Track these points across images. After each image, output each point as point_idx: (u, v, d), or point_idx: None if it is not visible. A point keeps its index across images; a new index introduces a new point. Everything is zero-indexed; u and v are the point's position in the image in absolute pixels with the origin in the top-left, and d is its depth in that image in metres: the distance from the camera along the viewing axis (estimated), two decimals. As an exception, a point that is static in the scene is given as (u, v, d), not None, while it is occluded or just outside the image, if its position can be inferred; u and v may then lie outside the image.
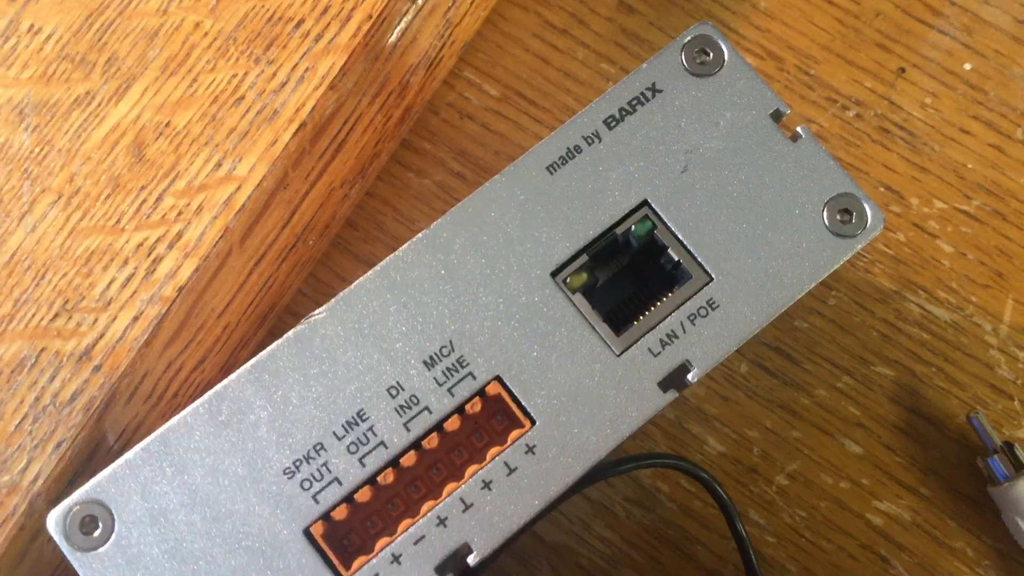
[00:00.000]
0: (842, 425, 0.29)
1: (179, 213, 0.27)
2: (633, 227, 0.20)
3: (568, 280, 0.19)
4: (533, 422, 0.19)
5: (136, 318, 0.26)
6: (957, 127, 0.32)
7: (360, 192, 0.31)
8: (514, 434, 0.19)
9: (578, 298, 0.19)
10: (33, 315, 0.26)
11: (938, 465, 0.29)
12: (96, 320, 0.26)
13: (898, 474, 0.29)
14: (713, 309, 0.19)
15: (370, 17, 0.28)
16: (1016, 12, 0.32)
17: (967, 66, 0.32)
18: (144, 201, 0.27)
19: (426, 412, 0.18)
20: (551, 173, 0.20)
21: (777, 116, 0.20)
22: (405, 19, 0.29)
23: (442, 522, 0.18)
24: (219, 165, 0.27)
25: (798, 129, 0.20)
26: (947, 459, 0.29)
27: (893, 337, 0.30)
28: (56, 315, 0.26)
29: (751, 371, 0.30)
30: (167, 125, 0.27)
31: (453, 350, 0.19)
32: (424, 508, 0.18)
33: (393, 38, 0.29)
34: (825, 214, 0.20)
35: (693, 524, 0.28)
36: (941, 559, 0.28)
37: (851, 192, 0.20)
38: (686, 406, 0.29)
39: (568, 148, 0.20)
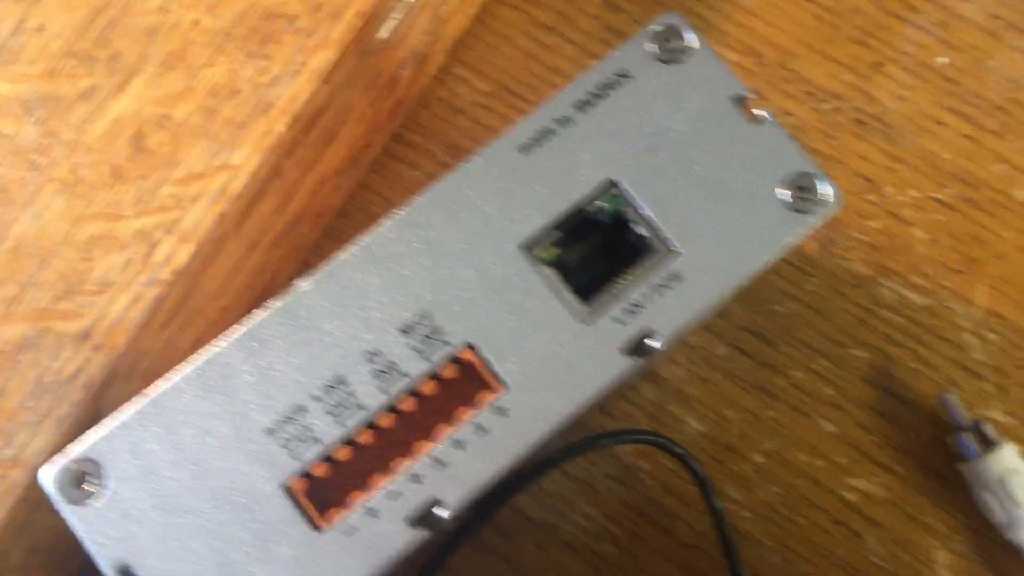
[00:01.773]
0: (818, 405, 0.30)
1: (177, 201, 0.28)
2: (603, 204, 0.21)
3: (541, 254, 0.20)
4: (505, 386, 0.20)
5: (135, 300, 0.27)
6: (932, 119, 0.32)
7: (352, 183, 0.32)
8: (487, 397, 0.20)
9: (550, 271, 0.20)
10: (37, 298, 0.27)
11: (911, 444, 0.30)
12: (97, 303, 0.27)
13: (872, 452, 0.30)
14: (677, 281, 0.20)
15: (362, 14, 0.29)
16: (990, 7, 0.33)
17: (942, 60, 0.33)
18: (144, 190, 0.28)
19: (403, 377, 0.20)
20: (526, 154, 0.21)
21: (740, 100, 0.21)
22: (396, 16, 0.31)
23: (416, 479, 0.19)
24: (216, 155, 0.28)
25: (760, 112, 0.21)
26: (920, 438, 0.30)
27: (868, 321, 0.31)
28: (59, 298, 0.27)
29: (730, 354, 0.30)
30: (167, 118, 0.28)
31: (430, 319, 0.20)
32: (400, 466, 0.19)
33: (384, 34, 0.30)
34: (784, 191, 0.21)
35: (672, 500, 0.29)
36: (914, 534, 0.29)
37: (808, 170, 0.21)
38: (667, 388, 0.30)
39: (542, 130, 0.21)
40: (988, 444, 0.28)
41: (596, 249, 0.21)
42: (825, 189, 0.21)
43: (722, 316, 0.31)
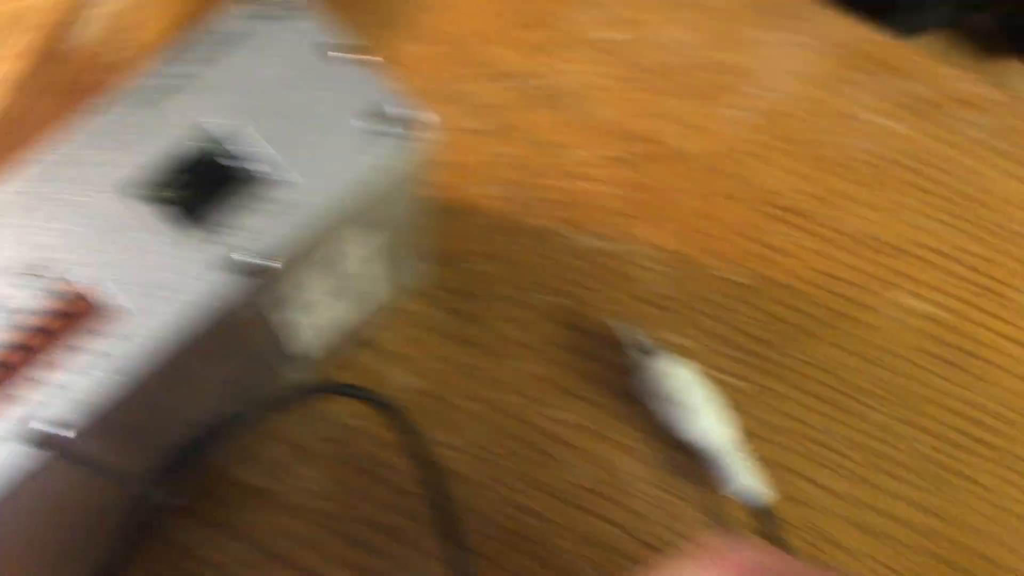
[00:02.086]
0: (517, 349, 0.32)
1: None
2: (210, 144, 0.23)
3: (158, 194, 0.22)
4: (124, 314, 0.21)
5: None
6: (607, 87, 0.36)
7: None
8: (107, 326, 0.21)
9: (165, 208, 0.22)
10: None
11: (597, 372, 0.32)
12: None
13: (565, 384, 0.32)
14: (282, 206, 0.22)
15: (48, 24, 0.31)
16: (651, -10, 0.37)
17: (613, 35, 0.37)
18: None
19: (26, 315, 0.21)
20: (145, 107, 0.23)
21: (336, 47, 0.24)
22: (93, 24, 0.32)
23: (41, 405, 0.20)
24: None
25: (349, 56, 0.24)
26: (604, 365, 0.32)
27: (559, 270, 0.33)
28: None
29: (436, 313, 0.33)
30: None
31: (51, 260, 0.21)
32: (20, 393, 0.20)
33: (81, 41, 0.32)
34: (373, 120, 0.23)
35: (386, 452, 0.31)
36: (608, 451, 0.31)
37: (389, 100, 0.23)
38: (381, 351, 0.32)
39: (160, 85, 0.23)
40: (649, 356, 0.31)
41: (210, 185, 0.23)
42: (409, 114, 0.23)
43: (429, 279, 0.33)
